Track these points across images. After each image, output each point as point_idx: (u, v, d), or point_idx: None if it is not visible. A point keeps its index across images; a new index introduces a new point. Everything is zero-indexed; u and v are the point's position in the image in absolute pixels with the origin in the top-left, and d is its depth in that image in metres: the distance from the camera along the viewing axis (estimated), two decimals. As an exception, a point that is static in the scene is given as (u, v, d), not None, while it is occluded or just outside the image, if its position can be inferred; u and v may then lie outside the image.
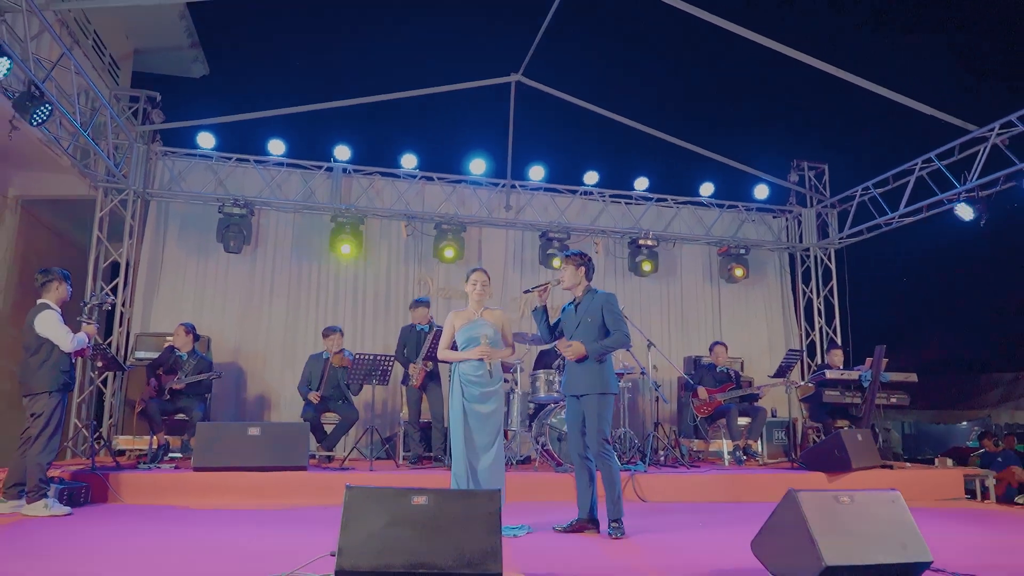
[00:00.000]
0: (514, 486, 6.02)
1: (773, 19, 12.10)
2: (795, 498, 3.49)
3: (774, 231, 10.56)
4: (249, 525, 4.69)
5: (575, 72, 10.57)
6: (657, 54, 12.18)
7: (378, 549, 2.96)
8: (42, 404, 4.95)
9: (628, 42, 11.99)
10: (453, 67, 9.30)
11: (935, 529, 5.16)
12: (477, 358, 4.60)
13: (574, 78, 9.60)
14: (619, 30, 11.09)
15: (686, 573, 3.60)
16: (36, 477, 4.87)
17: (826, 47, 7.81)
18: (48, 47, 6.89)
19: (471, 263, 9.49)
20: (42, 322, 5.02)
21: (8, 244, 8.76)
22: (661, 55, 12.32)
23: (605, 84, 11.10)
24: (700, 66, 12.72)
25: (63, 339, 5.00)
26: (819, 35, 12.53)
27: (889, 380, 7.81)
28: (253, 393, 8.69)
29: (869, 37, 14.02)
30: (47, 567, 3.39)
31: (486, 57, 9.56)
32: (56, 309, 5.12)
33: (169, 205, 8.96)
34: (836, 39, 13.13)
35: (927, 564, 3.46)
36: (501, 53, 9.37)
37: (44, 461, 4.91)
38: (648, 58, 12.45)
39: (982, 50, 14.40)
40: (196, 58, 14.51)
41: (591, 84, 9.86)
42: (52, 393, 4.97)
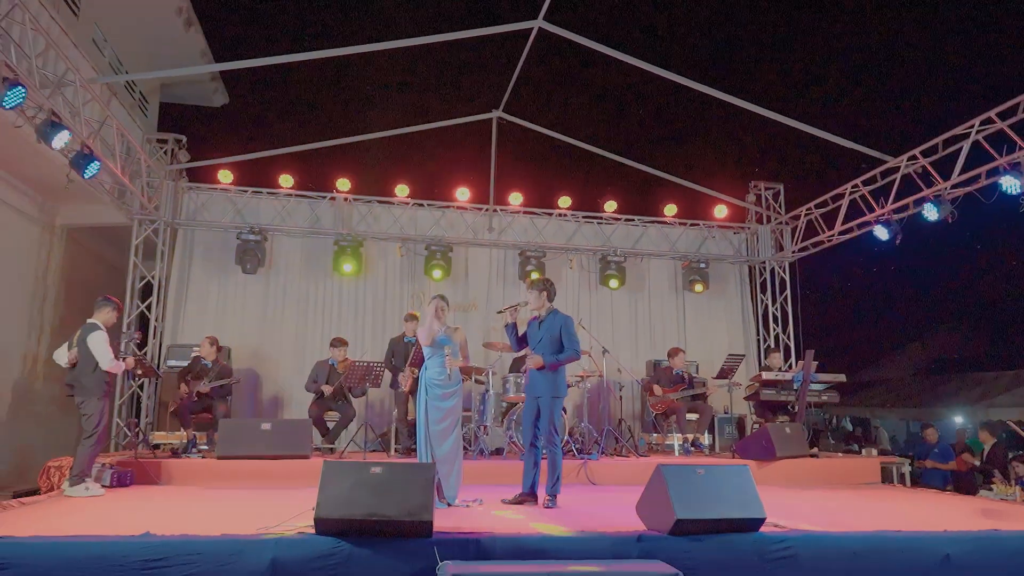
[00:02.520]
0: (485, 471, 7.24)
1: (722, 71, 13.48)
2: (661, 471, 4.66)
3: (734, 245, 11.68)
4: (258, 499, 5.93)
5: (549, 107, 11.78)
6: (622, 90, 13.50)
7: (345, 504, 4.15)
8: (91, 407, 6.01)
9: (595, 78, 13.32)
10: (441, 106, 10.51)
11: (809, 501, 6.37)
12: None
13: (548, 113, 10.81)
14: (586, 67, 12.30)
15: (580, 527, 4.76)
16: (81, 465, 5.95)
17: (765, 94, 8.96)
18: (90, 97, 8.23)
19: (459, 279, 10.74)
20: (93, 340, 5.99)
21: (57, 267, 10.12)
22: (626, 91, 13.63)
23: (576, 117, 12.35)
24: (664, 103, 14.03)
25: (104, 358, 5.98)
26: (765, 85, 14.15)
27: (818, 380, 8.92)
28: (268, 394, 9.98)
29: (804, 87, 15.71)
30: (116, 517, 4.65)
31: (470, 97, 10.78)
32: (104, 330, 6.15)
33: (194, 232, 10.28)
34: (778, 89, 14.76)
35: (761, 519, 4.62)
36: (483, 93, 10.60)
37: (90, 454, 6.00)
38: (613, 93, 13.80)
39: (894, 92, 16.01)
40: (216, 89, 15.98)
41: (564, 117, 11.06)
42: (99, 398, 6.03)
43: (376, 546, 4.10)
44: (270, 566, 3.93)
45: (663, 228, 11.49)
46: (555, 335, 5.80)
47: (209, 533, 4.16)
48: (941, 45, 16.39)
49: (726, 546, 4.48)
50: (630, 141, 13.58)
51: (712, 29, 16.61)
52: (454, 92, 12.82)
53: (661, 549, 4.36)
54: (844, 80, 16.71)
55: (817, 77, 16.89)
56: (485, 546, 4.27)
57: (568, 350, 5.77)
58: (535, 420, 5.86)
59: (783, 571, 4.48)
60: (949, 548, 4.70)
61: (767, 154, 13.79)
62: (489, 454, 8.20)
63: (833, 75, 16.88)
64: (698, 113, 13.66)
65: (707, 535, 4.50)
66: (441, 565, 3.89)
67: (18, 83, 5.63)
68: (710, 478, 4.71)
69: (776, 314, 11.32)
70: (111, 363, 6.02)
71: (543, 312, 5.97)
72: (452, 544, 4.20)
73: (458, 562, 3.96)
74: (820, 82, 16.80)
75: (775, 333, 11.24)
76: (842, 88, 16.45)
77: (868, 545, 4.63)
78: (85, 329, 6.11)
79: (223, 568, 3.89)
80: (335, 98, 13.78)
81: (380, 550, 4.09)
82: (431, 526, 4.18)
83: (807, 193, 10.83)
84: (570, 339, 5.81)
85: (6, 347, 8.70)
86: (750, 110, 8.78)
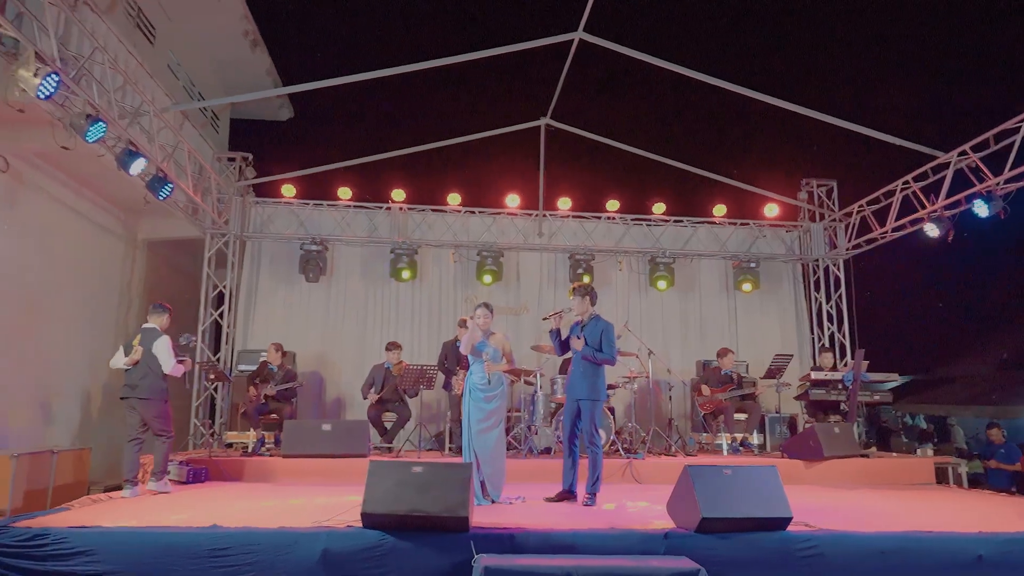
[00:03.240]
0: (533, 470, 7.55)
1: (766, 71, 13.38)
2: (688, 471, 4.87)
3: (786, 243, 11.62)
4: (317, 495, 6.38)
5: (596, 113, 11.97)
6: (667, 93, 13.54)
7: (389, 500, 4.52)
8: (157, 409, 6.27)
9: (640, 83, 13.40)
10: (490, 116, 10.83)
11: (850, 501, 6.42)
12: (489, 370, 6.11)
13: (595, 118, 10.99)
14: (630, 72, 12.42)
15: (612, 524, 5.00)
16: (159, 463, 6.39)
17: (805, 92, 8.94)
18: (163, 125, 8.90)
19: (510, 283, 11.08)
20: (159, 345, 6.27)
21: (140, 278, 10.93)
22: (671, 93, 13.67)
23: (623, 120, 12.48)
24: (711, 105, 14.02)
25: (167, 363, 6.25)
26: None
27: (870, 380, 8.86)
28: (331, 396, 10.54)
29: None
30: (190, 510, 5.16)
31: (518, 104, 11.08)
32: (167, 336, 6.51)
33: (261, 244, 10.93)
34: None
35: (787, 519, 4.76)
36: (530, 101, 10.87)
37: (166, 452, 6.41)
38: (659, 96, 13.85)
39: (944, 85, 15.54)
40: (282, 105, 16.84)
41: (611, 122, 11.23)
42: (164, 401, 6.36)
43: (417, 539, 4.45)
44: (322, 556, 4.34)
45: (713, 228, 11.54)
46: (596, 340, 6.06)
47: (268, 526, 4.59)
48: (990, 37, 15.81)
49: (752, 544, 4.64)
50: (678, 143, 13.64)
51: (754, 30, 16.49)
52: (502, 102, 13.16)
53: (687, 546, 4.57)
54: (892, 74, 16.30)
55: (864, 72, 16.55)
56: (519, 541, 4.57)
57: (606, 353, 6.03)
58: (575, 421, 6.13)
59: (809, 570, 4.61)
60: (982, 549, 4.73)
61: (818, 151, 13.62)
62: (538, 453, 8.48)
63: (881, 69, 16.49)
64: (745, 113, 13.60)
65: (733, 533, 4.67)
66: (477, 558, 4.20)
67: (99, 119, 6.24)
68: (737, 478, 4.87)
69: (831, 312, 11.21)
70: (172, 368, 6.30)
71: (586, 317, 6.25)
72: (488, 538, 4.51)
73: (493, 555, 4.27)
74: (867, 77, 16.45)
75: (829, 331, 11.14)
76: (890, 83, 16.05)
77: (897, 545, 4.72)
78: (148, 334, 6.35)
79: (279, 558, 4.31)
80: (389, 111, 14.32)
81: (421, 543, 4.44)
82: (468, 521, 4.51)
83: (861, 189, 10.69)
84: (609, 345, 6.07)
85: (96, 353, 9.47)
86: (798, 112, 8.78)
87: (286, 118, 17.19)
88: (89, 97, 6.34)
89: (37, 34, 5.71)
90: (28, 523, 4.44)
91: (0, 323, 7.64)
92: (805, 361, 10.96)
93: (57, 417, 8.71)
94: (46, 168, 8.34)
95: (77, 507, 5.47)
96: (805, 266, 11.63)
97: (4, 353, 7.72)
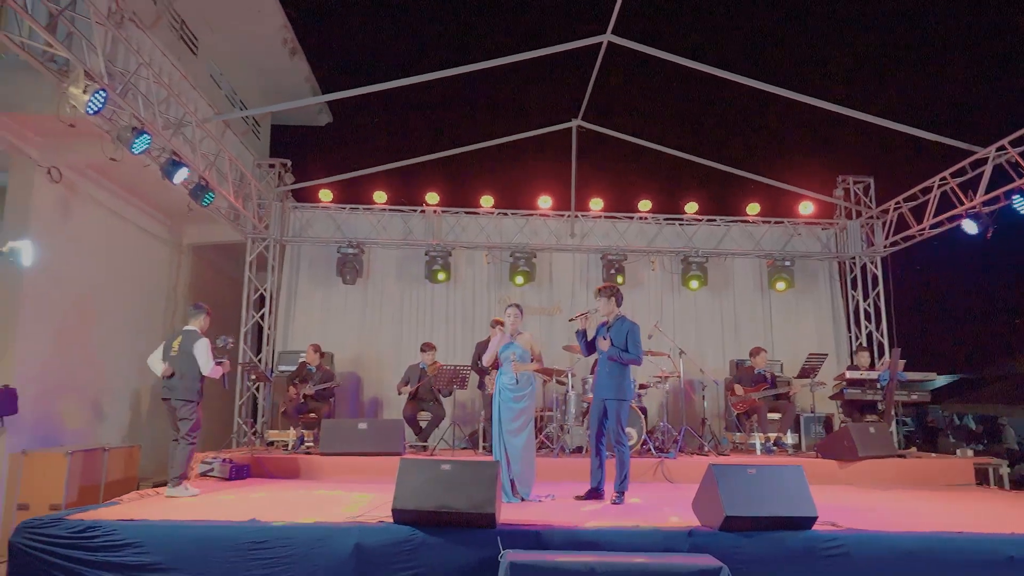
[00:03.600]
0: (564, 468, 7.65)
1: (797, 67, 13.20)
2: (712, 470, 4.93)
3: (822, 241, 11.50)
4: (352, 491, 6.58)
5: (627, 113, 12.00)
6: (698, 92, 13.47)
7: (419, 496, 4.68)
8: (190, 411, 6.27)
9: (670, 82, 13.35)
10: (522, 119, 10.97)
11: (884, 502, 6.39)
12: (518, 370, 6.24)
13: (626, 118, 11.04)
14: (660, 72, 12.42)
15: (636, 522, 5.08)
16: (181, 467, 6.17)
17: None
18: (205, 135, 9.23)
19: (543, 284, 11.19)
20: (198, 347, 6.32)
21: (185, 281, 11.34)
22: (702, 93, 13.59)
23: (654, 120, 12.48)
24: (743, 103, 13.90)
25: (206, 365, 6.29)
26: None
27: (907, 379, 8.74)
28: (368, 396, 10.79)
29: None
30: (232, 505, 5.40)
31: (550, 107, 11.17)
32: (207, 338, 6.49)
33: (300, 247, 11.23)
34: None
35: (813, 518, 4.79)
36: (562, 103, 10.97)
37: (189, 455, 6.37)
38: (690, 95, 13.77)
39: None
40: (321, 110, 17.23)
41: (642, 122, 11.26)
42: (197, 403, 6.41)
43: (446, 535, 4.60)
44: (354, 550, 4.52)
45: (746, 227, 11.48)
46: (621, 340, 6.14)
47: (304, 521, 4.79)
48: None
49: (776, 543, 4.68)
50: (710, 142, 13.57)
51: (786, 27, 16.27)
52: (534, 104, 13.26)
53: (711, 544, 4.63)
54: (929, 69, 15.90)
55: (901, 67, 16.20)
56: (544, 537, 4.69)
57: (632, 353, 6.10)
58: (602, 420, 6.22)
59: (834, 569, 4.64)
60: (1013, 550, 4.71)
61: (854, 147, 13.42)
62: (570, 452, 8.58)
63: (918, 64, 16.13)
64: (778, 111, 13.47)
65: (757, 532, 4.72)
66: (503, 554, 4.33)
67: (144, 131, 6.53)
68: (761, 477, 4.91)
69: (868, 310, 11.06)
70: (211, 371, 6.37)
71: (611, 318, 6.33)
72: (514, 535, 4.64)
73: (518, 551, 4.40)
74: (904, 72, 16.09)
75: (867, 330, 10.99)
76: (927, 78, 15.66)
77: (924, 545, 4.71)
78: (188, 336, 6.42)
79: (314, 551, 4.51)
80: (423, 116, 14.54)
81: (449, 538, 4.59)
82: (494, 518, 4.64)
83: (898, 185, 10.53)
84: (635, 346, 6.14)
85: (144, 354, 9.74)
86: (834, 110, 8.72)
87: (324, 123, 17.60)
88: (135, 110, 6.64)
89: (86, 52, 6.01)
90: (80, 516, 4.70)
91: (56, 327, 8.03)
92: (842, 360, 10.83)
93: (108, 416, 9.11)
94: (96, 178, 8.73)
95: (126, 501, 5.75)
96: (842, 264, 11.49)
97: (60, 356, 8.12)
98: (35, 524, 4.53)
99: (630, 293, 11.11)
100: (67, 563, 4.40)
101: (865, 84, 15.77)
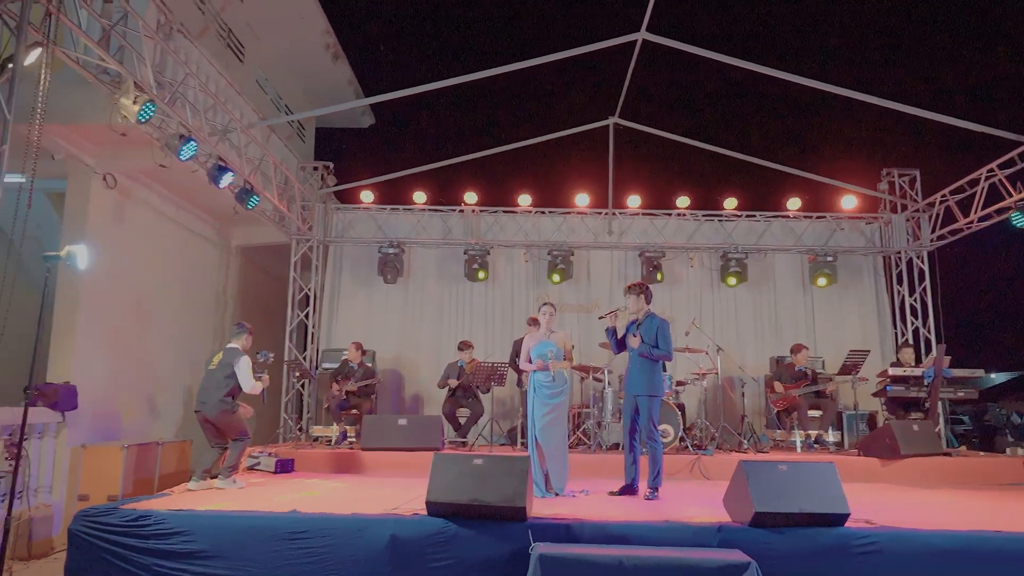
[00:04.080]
0: (601, 464, 7.70)
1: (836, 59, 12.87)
2: (742, 467, 4.94)
3: (866, 236, 11.28)
4: (391, 485, 6.76)
5: (664, 109, 11.94)
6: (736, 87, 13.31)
7: (451, 490, 4.81)
8: (233, 420, 6.43)
9: (707, 78, 13.25)
10: (558, 117, 11.03)
11: (926, 500, 6.30)
12: (535, 369, 6.33)
13: (664, 115, 11.01)
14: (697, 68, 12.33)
15: (667, 517, 5.12)
16: (234, 459, 6.55)
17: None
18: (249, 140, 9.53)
19: (581, 282, 11.24)
20: (240, 365, 6.42)
21: (234, 282, 11.73)
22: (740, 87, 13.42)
23: (692, 116, 12.39)
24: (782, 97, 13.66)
25: (247, 382, 6.42)
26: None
27: (952, 376, 8.55)
28: (410, 392, 11.00)
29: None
30: (276, 497, 5.62)
31: (587, 105, 11.21)
32: (248, 356, 6.58)
33: (342, 248, 11.51)
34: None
35: (845, 515, 4.77)
36: (598, 101, 11.00)
37: (241, 451, 6.65)
38: (728, 90, 13.62)
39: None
40: (364, 112, 17.57)
41: (680, 118, 11.20)
42: (234, 412, 6.50)
43: (478, 527, 4.72)
44: (390, 541, 4.67)
45: (787, 222, 11.34)
46: (651, 337, 6.18)
47: (342, 512, 4.97)
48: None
49: (807, 539, 4.68)
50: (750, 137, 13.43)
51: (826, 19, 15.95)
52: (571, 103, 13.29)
53: (740, 540, 4.65)
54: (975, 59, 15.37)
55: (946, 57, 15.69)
56: (574, 531, 4.78)
57: (662, 349, 6.14)
58: (634, 417, 6.26)
59: (867, 567, 4.61)
60: (1055, 550, 4.60)
61: (898, 138, 13.11)
62: (606, 448, 8.63)
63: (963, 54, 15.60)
64: (819, 105, 13.24)
65: (788, 528, 4.72)
66: (533, 546, 4.42)
67: (191, 138, 6.82)
68: (793, 474, 4.91)
69: (915, 306, 10.82)
70: (252, 387, 6.50)
71: (641, 315, 6.36)
72: (544, 528, 4.73)
73: (548, 544, 4.49)
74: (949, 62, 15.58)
75: (914, 327, 10.75)
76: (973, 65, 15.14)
77: (960, 544, 4.65)
78: (229, 353, 6.56)
79: (351, 541, 4.67)
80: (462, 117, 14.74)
81: (481, 531, 4.71)
82: (525, 511, 4.74)
83: (945, 177, 10.28)
84: (665, 341, 6.18)
85: (198, 352, 10.26)
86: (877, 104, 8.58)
87: (367, 125, 17.96)
88: (182, 118, 6.93)
89: (136, 64, 6.30)
90: (133, 506, 4.96)
91: (114, 327, 8.43)
92: (887, 357, 10.62)
93: (163, 412, 9.50)
94: (149, 183, 9.11)
95: (176, 493, 6.02)
96: (887, 259, 11.27)
97: (118, 355, 8.52)
98: (91, 513, 4.80)
99: (669, 290, 11.12)
100: (120, 549, 4.66)
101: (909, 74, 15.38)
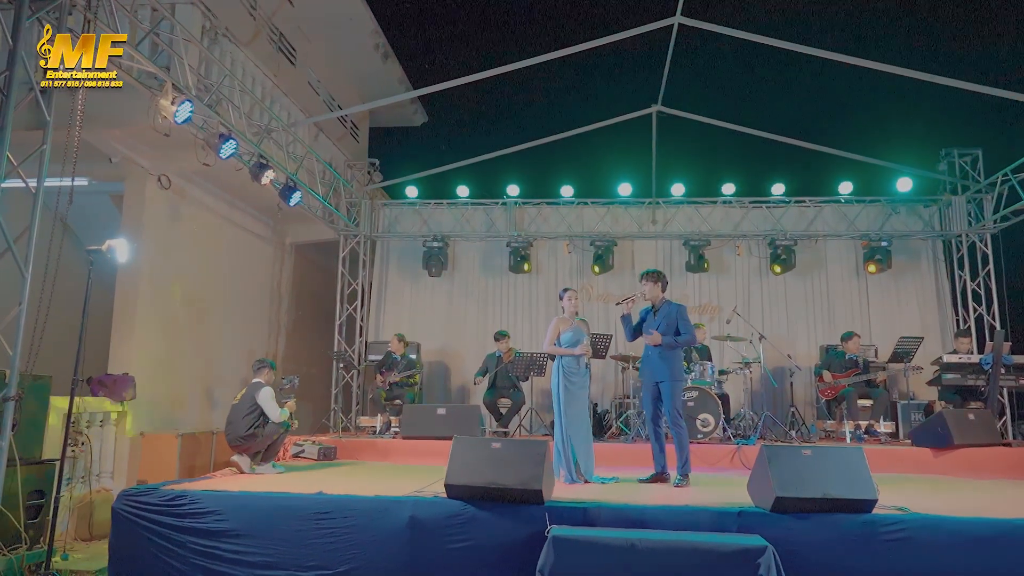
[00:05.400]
0: (635, 453, 7.67)
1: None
2: (764, 451, 4.85)
3: (924, 219, 10.82)
4: (425, 472, 6.87)
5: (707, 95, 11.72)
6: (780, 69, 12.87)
7: (470, 473, 4.88)
8: (258, 442, 6.64)
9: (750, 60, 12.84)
10: (600, 106, 10.98)
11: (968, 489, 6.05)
12: (580, 354, 6.35)
13: (707, 100, 10.81)
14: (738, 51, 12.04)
15: (696, 502, 5.06)
16: (276, 449, 6.92)
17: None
18: (292, 139, 9.84)
19: (624, 271, 11.16)
20: (263, 396, 6.66)
21: (288, 278, 12.13)
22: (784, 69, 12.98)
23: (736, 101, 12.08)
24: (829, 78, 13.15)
25: (273, 412, 6.64)
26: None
27: (1013, 363, 8.14)
28: (455, 384, 11.17)
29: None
30: (309, 481, 5.83)
31: (628, 93, 11.11)
32: (270, 387, 6.81)
33: (389, 243, 11.76)
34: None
35: (872, 501, 4.63)
36: (640, 88, 10.88)
37: (282, 437, 7.00)
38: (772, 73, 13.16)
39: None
40: (416, 111, 17.84)
41: (724, 103, 10.98)
42: (263, 437, 6.69)
43: (496, 510, 4.79)
44: (409, 522, 4.79)
45: (839, 207, 10.98)
46: (672, 322, 6.12)
47: (366, 494, 5.11)
48: None
49: (832, 525, 4.57)
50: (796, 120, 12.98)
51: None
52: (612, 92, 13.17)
53: (761, 525, 4.58)
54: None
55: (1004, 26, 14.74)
56: (591, 514, 4.79)
57: (685, 334, 6.08)
58: (656, 403, 6.20)
59: (895, 554, 4.48)
60: (1098, 540, 4.36)
61: (957, 117, 12.45)
62: (646, 437, 8.55)
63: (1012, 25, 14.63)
64: (870, 85, 12.73)
65: (812, 514, 4.61)
66: (550, 528, 4.47)
67: (230, 136, 7.11)
68: (817, 459, 4.80)
69: (977, 292, 10.32)
70: (278, 416, 6.70)
71: (658, 302, 6.31)
72: (562, 511, 4.77)
73: (565, 526, 4.53)
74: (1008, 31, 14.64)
75: (976, 313, 10.26)
76: None
77: (994, 532, 4.46)
78: (252, 387, 6.80)
79: (372, 522, 4.82)
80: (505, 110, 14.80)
81: (499, 513, 4.77)
82: (541, 494, 4.78)
83: (1009, 155, 9.75)
84: (686, 325, 6.13)
85: (253, 345, 10.68)
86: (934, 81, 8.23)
87: (420, 123, 18.23)
88: (225, 119, 7.23)
89: (178, 68, 6.62)
90: (172, 487, 5.23)
91: (174, 322, 8.87)
92: (948, 346, 10.16)
93: (219, 403, 9.91)
94: (203, 183, 9.51)
95: (219, 476, 6.31)
96: (947, 243, 10.78)
97: (178, 348, 8.96)
98: (132, 493, 5.09)
99: (715, 279, 10.94)
100: (159, 527, 4.93)
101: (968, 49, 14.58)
